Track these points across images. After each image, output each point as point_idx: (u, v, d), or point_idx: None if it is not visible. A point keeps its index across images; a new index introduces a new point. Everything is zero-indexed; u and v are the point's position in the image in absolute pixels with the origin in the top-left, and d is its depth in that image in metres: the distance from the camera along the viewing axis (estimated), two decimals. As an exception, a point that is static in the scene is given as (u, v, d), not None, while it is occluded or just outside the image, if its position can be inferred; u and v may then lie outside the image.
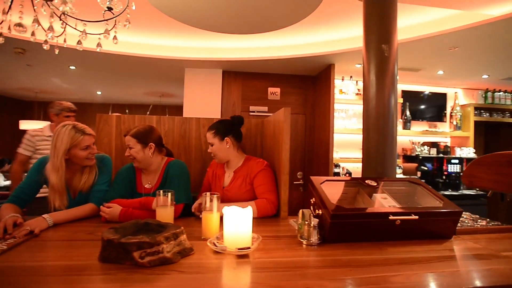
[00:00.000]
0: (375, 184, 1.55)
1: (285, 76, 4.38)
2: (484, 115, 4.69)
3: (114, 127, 2.33)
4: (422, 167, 4.25)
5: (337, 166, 4.02)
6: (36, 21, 1.16)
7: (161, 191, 1.35)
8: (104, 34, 1.42)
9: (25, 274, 0.91)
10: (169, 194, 1.34)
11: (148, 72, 4.60)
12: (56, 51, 1.56)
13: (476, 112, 4.66)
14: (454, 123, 4.68)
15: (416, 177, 3.69)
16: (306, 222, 1.31)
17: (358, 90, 4.19)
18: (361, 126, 4.20)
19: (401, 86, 4.66)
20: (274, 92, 4.30)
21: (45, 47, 1.43)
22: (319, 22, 3.08)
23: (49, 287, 0.86)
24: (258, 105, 4.27)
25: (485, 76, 4.21)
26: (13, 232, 1.22)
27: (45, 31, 1.32)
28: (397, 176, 4.24)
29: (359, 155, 4.39)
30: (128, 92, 6.44)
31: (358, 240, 1.30)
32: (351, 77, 4.19)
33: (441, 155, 4.39)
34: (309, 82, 4.46)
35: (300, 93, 4.43)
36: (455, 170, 4.19)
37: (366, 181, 1.56)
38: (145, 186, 1.73)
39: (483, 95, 4.75)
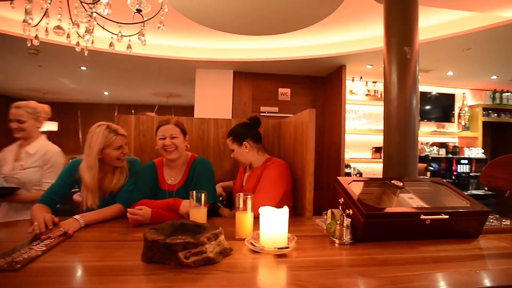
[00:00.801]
0: (401, 184, 1.57)
1: (295, 77, 4.41)
2: (492, 116, 4.72)
3: (133, 128, 2.36)
4: (429, 167, 4.27)
5: (347, 166, 4.05)
6: (76, 24, 1.18)
7: (194, 192, 1.36)
8: (139, 36, 1.44)
9: (69, 274, 0.93)
10: (203, 195, 1.35)
11: (158, 73, 4.63)
12: (86, 53, 1.59)
13: (484, 112, 4.68)
14: (463, 123, 4.70)
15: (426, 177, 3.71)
16: (338, 222, 1.33)
17: (368, 91, 4.21)
18: (371, 127, 4.25)
19: (409, 87, 4.68)
20: (284, 92, 4.32)
21: (77, 49, 1.45)
22: (332, 23, 3.10)
23: (96, 286, 0.87)
24: (269, 105, 4.30)
25: (494, 77, 4.23)
26: (49, 233, 1.23)
27: (78, 35, 1.34)
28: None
29: (369, 155, 4.42)
30: (135, 92, 6.47)
31: (388, 239, 1.32)
32: (361, 78, 4.22)
33: (450, 155, 4.41)
34: (319, 83, 4.48)
35: (309, 93, 4.46)
36: (464, 170, 4.21)
37: (392, 182, 1.58)
38: (168, 182, 1.72)
39: (491, 96, 4.77)
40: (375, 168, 4.40)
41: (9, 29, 3.24)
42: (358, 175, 4.00)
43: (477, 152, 4.43)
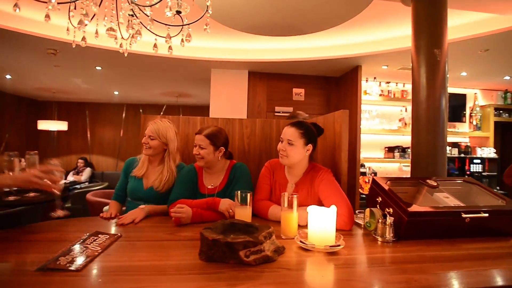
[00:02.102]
0: (436, 184, 1.61)
1: (308, 77, 4.44)
2: (504, 116, 4.75)
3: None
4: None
5: (362, 166, 4.08)
6: (131, 25, 1.21)
7: (239, 192, 1.40)
8: (187, 38, 1.47)
9: (131, 274, 0.94)
10: (248, 194, 1.39)
11: (172, 72, 4.66)
12: (125, 54, 1.62)
13: (495, 112, 4.71)
14: (474, 123, 4.73)
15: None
16: (380, 220, 1.36)
17: (382, 91, 4.25)
18: (384, 127, 4.28)
19: (422, 87, 4.71)
20: (298, 93, 4.35)
21: (121, 50, 1.48)
22: (350, 24, 3.12)
23: (161, 285, 0.88)
24: (283, 105, 4.33)
25: (507, 77, 4.26)
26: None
27: (123, 38, 1.38)
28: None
29: (381, 155, 4.45)
30: (146, 92, 6.49)
31: (429, 237, 1.35)
32: (374, 78, 4.25)
33: (462, 155, 4.44)
34: (333, 83, 4.52)
35: (323, 94, 4.49)
36: (477, 170, 4.24)
37: (427, 181, 1.62)
38: (208, 187, 1.77)
39: (503, 96, 4.81)
40: (388, 168, 4.43)
41: (28, 29, 3.26)
42: (373, 174, 4.03)
43: (489, 152, 4.46)
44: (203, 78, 4.76)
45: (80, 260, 1.00)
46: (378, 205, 1.49)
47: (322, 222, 1.20)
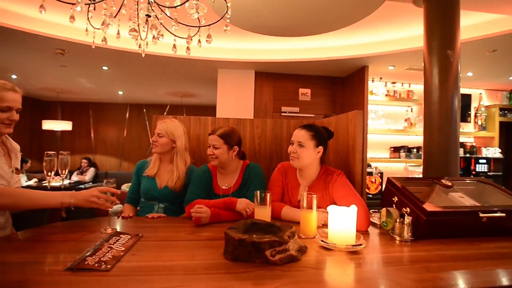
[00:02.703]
0: (450, 184, 1.62)
1: (314, 77, 4.46)
2: (509, 116, 4.76)
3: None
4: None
5: (368, 166, 4.09)
6: (154, 26, 1.22)
7: (258, 192, 1.41)
8: (207, 39, 1.49)
9: (158, 273, 0.94)
10: (268, 194, 1.40)
11: (179, 72, 4.68)
12: (143, 54, 1.63)
13: (500, 112, 4.73)
14: (479, 123, 4.75)
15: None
16: (398, 220, 1.38)
17: (387, 91, 4.26)
18: (390, 127, 4.29)
19: (427, 87, 4.73)
20: (305, 93, 4.37)
21: (140, 50, 1.50)
22: (358, 25, 3.14)
23: (192, 285, 0.88)
24: (290, 105, 4.34)
25: (512, 78, 4.28)
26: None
27: (141, 39, 1.39)
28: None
29: (387, 155, 4.47)
30: (150, 91, 6.51)
31: (446, 237, 1.36)
32: (380, 78, 4.26)
33: (467, 155, 4.45)
34: (339, 83, 4.53)
35: (329, 94, 4.51)
36: (483, 170, 4.26)
37: (442, 181, 1.63)
38: (222, 187, 1.79)
39: (508, 96, 4.82)
40: (394, 168, 4.45)
41: (37, 28, 3.28)
42: (379, 174, 4.05)
43: (494, 152, 4.48)
44: (209, 78, 4.78)
45: (108, 260, 1.00)
46: (394, 205, 1.51)
47: (342, 222, 1.22)
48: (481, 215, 1.34)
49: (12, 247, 1.15)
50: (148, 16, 1.44)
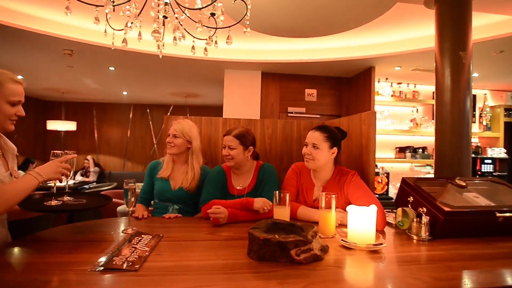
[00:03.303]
0: (465, 184, 1.63)
1: (320, 78, 4.48)
2: (514, 116, 4.78)
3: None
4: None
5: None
6: (177, 27, 1.23)
7: (277, 192, 1.43)
8: (228, 41, 1.50)
9: (185, 273, 0.95)
10: (287, 194, 1.42)
11: (185, 73, 4.69)
12: (160, 56, 1.64)
13: (505, 113, 4.74)
14: (484, 123, 4.76)
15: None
16: (415, 220, 1.39)
17: (393, 92, 4.28)
18: (396, 127, 4.31)
19: (432, 88, 4.74)
20: (311, 93, 4.39)
21: (158, 52, 1.51)
22: (365, 26, 3.15)
23: (222, 284, 0.89)
24: (296, 106, 4.36)
25: (517, 78, 4.29)
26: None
27: (158, 40, 1.40)
28: (430, 176, 4.32)
29: (392, 155, 4.48)
30: (155, 92, 6.52)
31: (463, 236, 1.38)
32: (386, 79, 4.28)
33: (473, 155, 4.47)
34: (344, 83, 4.55)
35: (335, 94, 4.52)
36: (488, 170, 4.27)
37: (456, 181, 1.64)
38: (237, 187, 1.80)
39: (513, 96, 4.84)
40: (399, 168, 4.46)
41: (45, 29, 3.29)
42: (385, 174, 4.06)
43: (499, 152, 4.49)
44: (214, 79, 4.79)
45: (135, 261, 1.01)
46: (409, 205, 1.52)
47: (362, 221, 1.23)
48: (498, 214, 1.36)
49: (35, 248, 1.16)
50: (165, 17, 1.46)
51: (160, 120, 8.19)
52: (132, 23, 1.25)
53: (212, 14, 1.55)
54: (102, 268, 0.95)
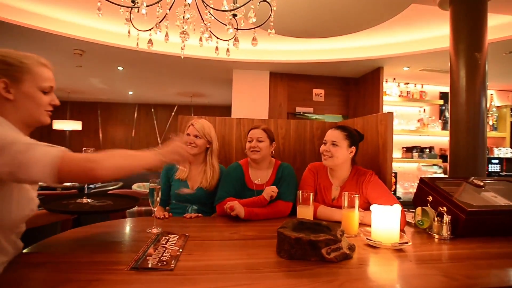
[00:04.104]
0: (482, 183, 1.65)
1: (328, 78, 4.50)
2: (520, 116, 4.79)
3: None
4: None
5: (381, 165, 4.13)
6: (205, 29, 1.25)
7: (300, 192, 1.45)
8: (253, 42, 1.52)
9: (218, 272, 0.96)
10: (311, 194, 1.44)
11: (193, 72, 4.71)
12: (182, 56, 1.66)
13: (511, 113, 4.76)
14: (490, 123, 4.78)
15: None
16: (436, 219, 1.41)
17: (401, 92, 4.29)
18: (403, 127, 4.32)
19: (439, 88, 4.76)
20: (318, 93, 4.41)
21: (181, 52, 1.53)
22: (375, 26, 3.17)
23: (256, 283, 0.90)
24: (304, 106, 4.38)
25: (524, 78, 4.31)
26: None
27: (184, 41, 1.43)
28: (436, 175, 4.34)
29: (399, 155, 4.50)
30: (160, 91, 6.54)
31: (483, 235, 1.40)
32: (394, 79, 4.29)
33: (479, 155, 4.49)
34: (352, 84, 4.57)
35: (342, 94, 4.54)
36: (495, 170, 4.29)
37: (474, 181, 1.66)
38: (255, 182, 1.82)
39: (519, 97, 4.86)
40: (406, 168, 4.48)
41: (56, 28, 3.30)
42: (393, 174, 4.08)
43: (506, 152, 4.51)
44: (222, 78, 4.81)
45: (168, 260, 1.03)
46: (429, 204, 1.54)
47: (387, 220, 1.25)
48: (519, 214, 1.38)
49: (63, 248, 1.16)
50: (187, 18, 1.48)
51: (165, 120, 8.20)
52: (158, 24, 1.26)
53: (234, 16, 1.58)
54: (137, 267, 0.96)
